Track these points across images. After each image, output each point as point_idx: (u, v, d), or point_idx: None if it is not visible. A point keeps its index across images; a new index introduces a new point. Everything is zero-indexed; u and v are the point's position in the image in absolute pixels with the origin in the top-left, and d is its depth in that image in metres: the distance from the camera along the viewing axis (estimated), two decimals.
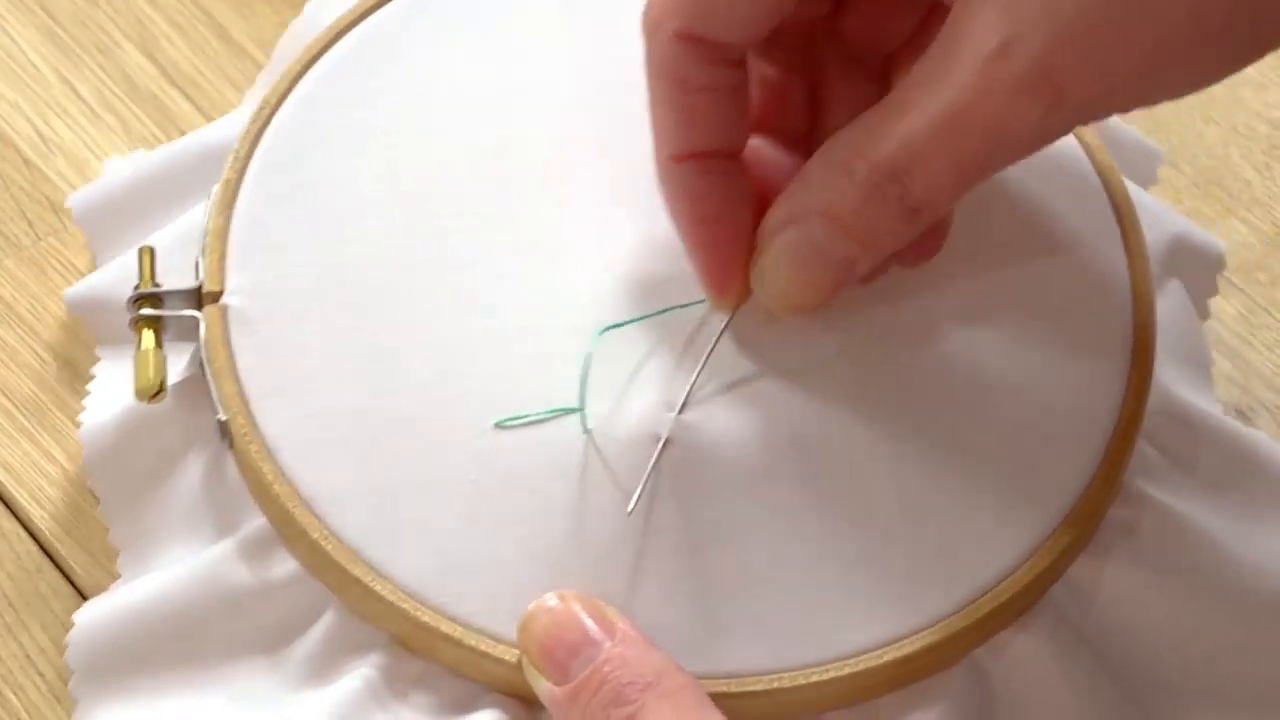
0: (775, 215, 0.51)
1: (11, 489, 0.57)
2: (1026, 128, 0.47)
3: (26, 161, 0.64)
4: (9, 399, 0.59)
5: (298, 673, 0.51)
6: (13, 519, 0.57)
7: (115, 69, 0.66)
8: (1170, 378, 0.56)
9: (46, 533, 0.56)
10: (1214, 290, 0.61)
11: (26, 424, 0.58)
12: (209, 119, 0.65)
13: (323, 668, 0.51)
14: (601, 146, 0.57)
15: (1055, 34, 0.46)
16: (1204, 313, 0.61)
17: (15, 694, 0.54)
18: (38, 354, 0.60)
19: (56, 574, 0.56)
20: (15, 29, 0.67)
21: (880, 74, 0.54)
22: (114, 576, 0.55)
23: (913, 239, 0.50)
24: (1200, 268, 0.61)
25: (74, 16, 0.67)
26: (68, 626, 0.54)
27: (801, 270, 0.51)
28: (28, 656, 0.54)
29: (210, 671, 0.52)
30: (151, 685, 0.52)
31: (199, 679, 0.52)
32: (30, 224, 0.62)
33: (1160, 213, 0.60)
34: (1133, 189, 0.59)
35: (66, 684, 0.53)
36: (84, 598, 0.55)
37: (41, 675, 0.54)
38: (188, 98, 0.65)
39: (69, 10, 0.67)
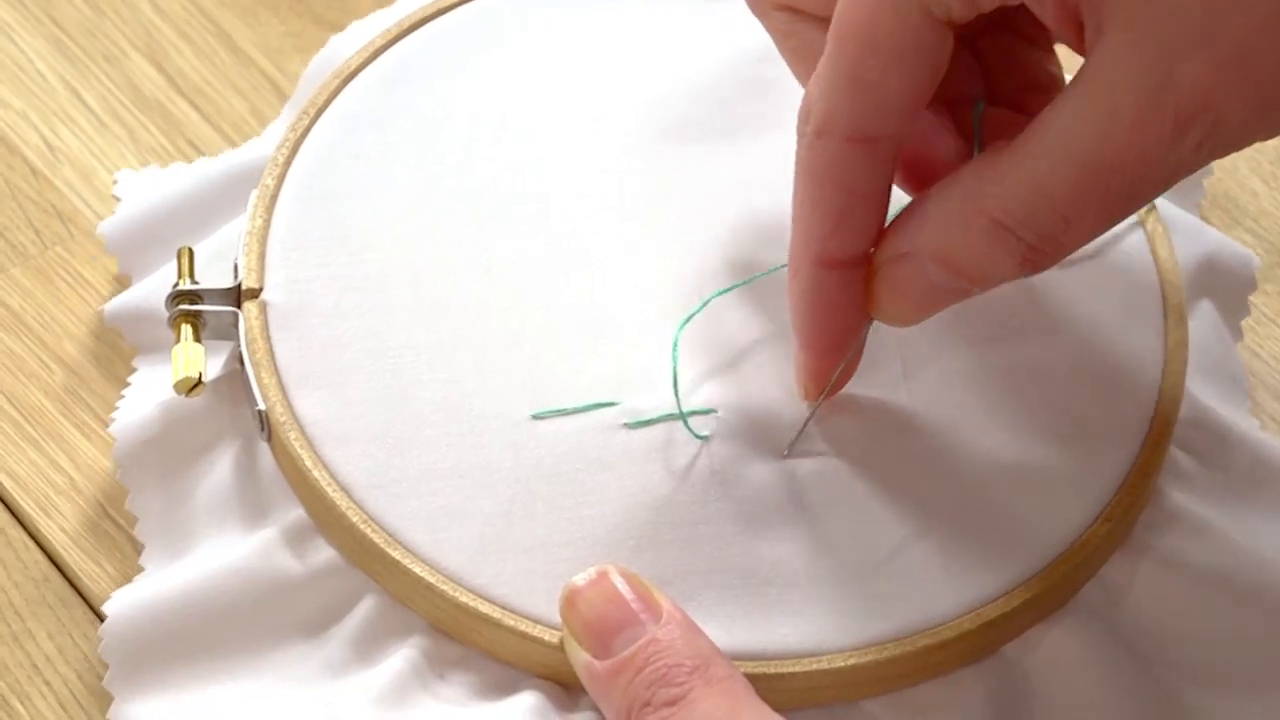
0: (890, 247, 0.50)
1: (19, 498, 0.57)
2: (1176, 161, 0.46)
3: (34, 171, 0.64)
4: (16, 408, 0.59)
5: (338, 656, 0.52)
6: (19, 528, 0.57)
7: (122, 79, 0.66)
8: (1202, 390, 0.57)
9: (53, 542, 0.56)
10: (1245, 311, 0.62)
11: (34, 433, 0.58)
12: (216, 128, 0.65)
13: (364, 651, 0.52)
14: (630, 158, 0.59)
15: (1217, 59, 0.45)
16: (1237, 334, 0.61)
17: (22, 703, 0.54)
18: (45, 363, 0.60)
19: (63, 583, 0.56)
20: (23, 38, 0.67)
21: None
22: (120, 585, 0.55)
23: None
24: (1232, 287, 0.61)
25: (81, 26, 0.67)
26: (74, 635, 0.54)
27: (910, 300, 0.50)
28: (34, 665, 0.54)
29: (249, 659, 0.52)
30: (188, 675, 0.52)
31: (237, 667, 0.52)
32: (37, 233, 0.62)
33: (1193, 230, 0.61)
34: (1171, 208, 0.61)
35: (73, 693, 0.53)
36: (91, 607, 0.55)
37: (48, 684, 0.54)
38: (195, 107, 0.65)
39: (76, 20, 0.67)
